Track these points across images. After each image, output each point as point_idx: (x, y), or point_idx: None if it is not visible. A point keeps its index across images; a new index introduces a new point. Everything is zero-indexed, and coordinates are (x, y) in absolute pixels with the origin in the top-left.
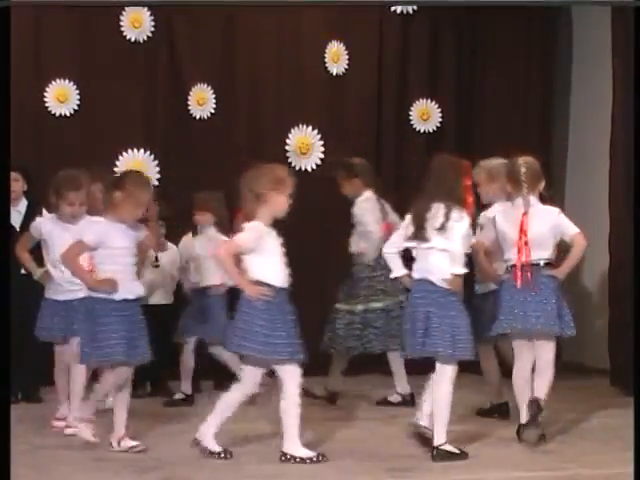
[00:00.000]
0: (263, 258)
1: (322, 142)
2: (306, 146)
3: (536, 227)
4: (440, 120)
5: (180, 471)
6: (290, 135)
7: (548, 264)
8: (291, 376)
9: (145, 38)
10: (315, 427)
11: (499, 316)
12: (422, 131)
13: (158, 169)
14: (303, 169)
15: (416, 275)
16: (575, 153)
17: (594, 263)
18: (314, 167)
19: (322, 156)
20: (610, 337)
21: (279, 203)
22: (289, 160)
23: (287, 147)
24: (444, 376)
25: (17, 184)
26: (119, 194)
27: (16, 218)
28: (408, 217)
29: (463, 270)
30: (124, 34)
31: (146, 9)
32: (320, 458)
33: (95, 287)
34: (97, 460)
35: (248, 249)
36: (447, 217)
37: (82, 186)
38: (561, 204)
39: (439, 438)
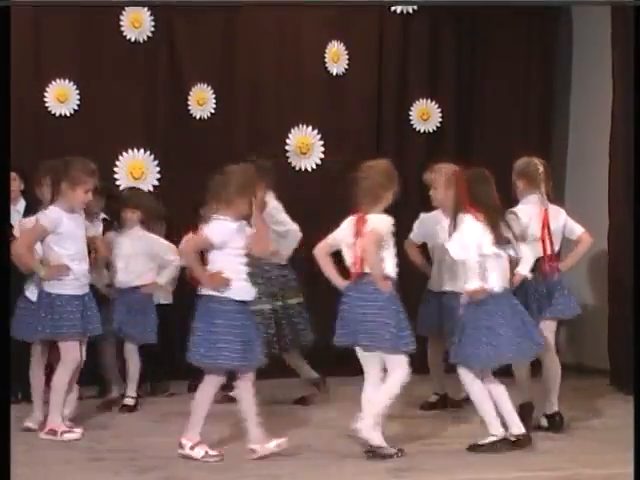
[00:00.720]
0: (388, 251)
1: (322, 142)
2: (306, 146)
3: (553, 224)
4: (440, 120)
5: (180, 471)
6: (290, 135)
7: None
8: (400, 365)
9: (145, 38)
10: (314, 427)
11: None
12: (422, 131)
13: (158, 169)
14: (303, 169)
15: (503, 283)
16: (575, 152)
17: (593, 262)
18: (314, 167)
19: (322, 156)
20: (610, 337)
21: (389, 199)
22: (289, 160)
23: (287, 147)
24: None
25: (14, 184)
26: (231, 190)
27: (15, 218)
28: (480, 226)
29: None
30: (124, 34)
31: (146, 9)
32: (400, 454)
33: (209, 284)
34: (97, 460)
35: (386, 241)
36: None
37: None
38: (561, 203)
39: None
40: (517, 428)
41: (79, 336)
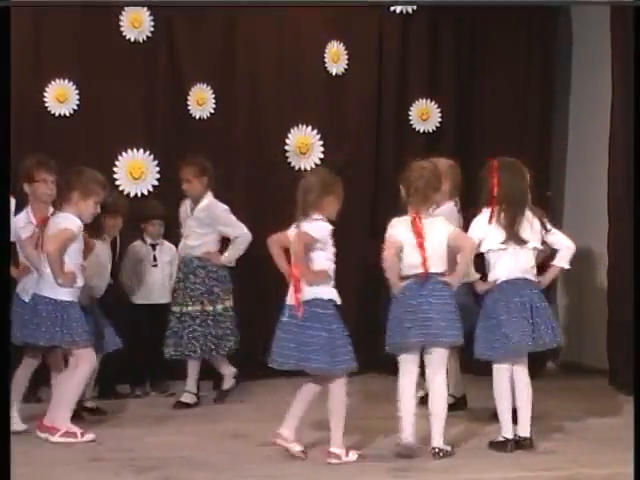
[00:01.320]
0: None
1: (322, 142)
2: (306, 146)
3: None
4: (440, 120)
5: (180, 471)
6: (290, 135)
7: None
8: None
9: (145, 38)
10: (314, 427)
11: None
12: (422, 131)
13: (158, 169)
14: (303, 169)
15: (509, 275)
16: (575, 152)
17: (593, 263)
18: (314, 167)
19: (322, 156)
20: (609, 337)
21: (436, 200)
22: (288, 160)
23: (287, 147)
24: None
25: None
26: (318, 192)
27: None
28: (486, 221)
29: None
30: (124, 34)
31: (146, 9)
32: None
33: (316, 280)
34: (97, 460)
35: None
36: (542, 221)
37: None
38: (561, 204)
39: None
40: (524, 431)
41: (93, 342)
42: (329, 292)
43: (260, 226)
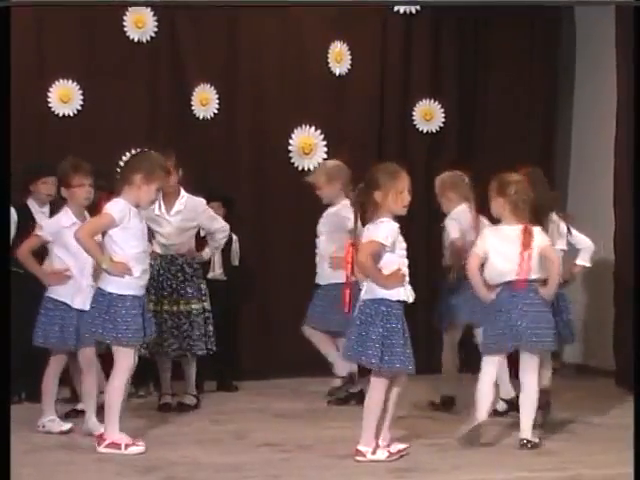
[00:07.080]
0: None
1: (325, 142)
2: (309, 146)
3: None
4: (443, 120)
5: (181, 471)
6: (293, 135)
7: None
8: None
9: (148, 38)
10: (317, 428)
11: None
12: (425, 131)
13: None
14: (306, 169)
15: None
16: (578, 152)
17: (599, 263)
18: (317, 167)
19: (325, 156)
20: (615, 337)
21: None
22: (292, 160)
23: (290, 147)
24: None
25: (51, 188)
26: (381, 189)
27: (42, 219)
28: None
29: None
30: (127, 34)
31: (149, 9)
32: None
33: (390, 284)
34: (98, 460)
35: None
36: (567, 223)
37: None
38: (564, 204)
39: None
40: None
41: (139, 341)
42: (398, 293)
43: (263, 226)
